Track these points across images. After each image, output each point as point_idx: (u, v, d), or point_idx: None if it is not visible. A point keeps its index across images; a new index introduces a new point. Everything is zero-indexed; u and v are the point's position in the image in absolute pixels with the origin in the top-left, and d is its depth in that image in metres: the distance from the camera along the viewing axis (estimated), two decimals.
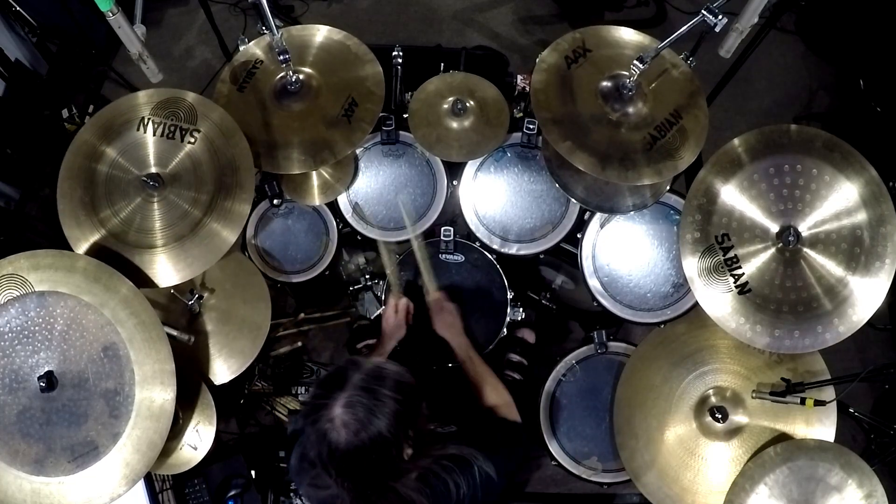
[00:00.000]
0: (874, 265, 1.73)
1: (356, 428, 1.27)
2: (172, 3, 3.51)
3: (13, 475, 1.62)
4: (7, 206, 2.90)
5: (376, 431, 1.27)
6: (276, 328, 2.59)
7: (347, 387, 1.30)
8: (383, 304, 2.12)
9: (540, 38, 3.40)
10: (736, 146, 1.84)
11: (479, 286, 2.22)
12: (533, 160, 2.30)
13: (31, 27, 2.95)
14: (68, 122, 3.01)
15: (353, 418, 1.27)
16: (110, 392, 1.64)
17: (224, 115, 1.91)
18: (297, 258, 2.32)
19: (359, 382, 1.31)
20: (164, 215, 1.83)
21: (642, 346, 2.06)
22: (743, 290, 1.79)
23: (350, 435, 1.27)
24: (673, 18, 3.42)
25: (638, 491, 1.95)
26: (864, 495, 1.71)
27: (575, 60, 2.04)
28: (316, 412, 1.30)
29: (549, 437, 2.13)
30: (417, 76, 2.34)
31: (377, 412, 1.28)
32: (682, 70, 2.06)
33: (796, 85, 3.31)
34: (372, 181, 2.33)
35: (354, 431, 1.27)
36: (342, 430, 1.27)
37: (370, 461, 1.30)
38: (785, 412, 1.88)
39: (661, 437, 1.94)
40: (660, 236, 2.22)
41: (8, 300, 1.65)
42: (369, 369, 1.34)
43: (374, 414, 1.27)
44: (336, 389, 1.31)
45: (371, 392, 1.30)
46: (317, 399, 1.33)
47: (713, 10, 1.71)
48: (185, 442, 1.93)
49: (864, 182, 1.75)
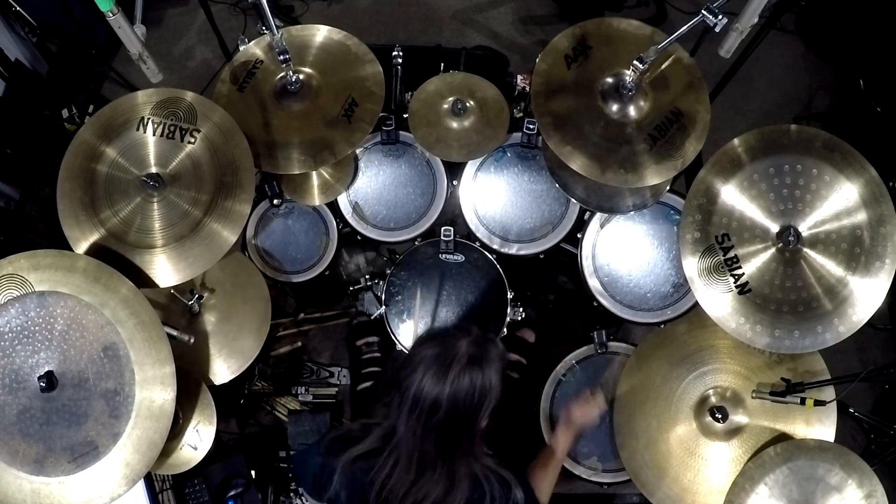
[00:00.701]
0: (874, 265, 1.73)
1: (476, 363, 1.35)
2: (172, 3, 3.51)
3: (13, 475, 1.62)
4: (7, 206, 2.90)
5: (489, 378, 1.36)
6: (276, 328, 2.59)
7: (472, 333, 1.40)
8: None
9: (540, 38, 3.40)
10: (736, 146, 1.83)
11: (479, 286, 2.22)
12: (533, 160, 2.30)
13: (31, 27, 2.95)
14: (68, 122, 3.01)
15: (477, 353, 1.36)
16: (110, 392, 1.64)
17: (224, 115, 1.91)
18: (297, 258, 2.32)
19: (480, 333, 1.41)
20: (164, 215, 1.83)
21: (642, 346, 2.06)
22: (743, 290, 1.79)
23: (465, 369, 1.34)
24: (673, 18, 3.42)
25: (638, 491, 1.95)
26: (864, 495, 1.71)
27: (575, 59, 2.04)
28: (443, 340, 1.39)
29: (550, 437, 2.13)
30: (417, 76, 2.34)
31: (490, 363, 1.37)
32: (683, 69, 2.04)
33: (796, 85, 3.31)
34: (372, 181, 2.33)
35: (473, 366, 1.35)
36: (464, 358, 1.34)
37: (468, 406, 1.35)
38: (785, 412, 1.88)
39: (661, 437, 1.94)
40: (660, 236, 2.22)
41: (8, 300, 1.65)
42: (482, 333, 1.43)
43: (489, 362, 1.37)
44: (463, 332, 1.40)
45: (488, 345, 1.40)
46: (443, 335, 1.41)
47: (713, 10, 1.71)
48: (185, 442, 1.93)
49: (864, 182, 1.75)
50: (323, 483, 1.49)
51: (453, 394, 1.33)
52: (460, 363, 1.33)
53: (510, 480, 1.46)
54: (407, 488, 1.39)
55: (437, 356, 1.34)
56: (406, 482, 1.39)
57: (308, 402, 2.61)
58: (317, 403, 2.61)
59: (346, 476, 1.45)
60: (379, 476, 1.41)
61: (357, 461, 1.44)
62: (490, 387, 1.36)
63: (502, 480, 1.46)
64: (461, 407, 1.34)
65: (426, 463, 1.39)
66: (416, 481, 1.39)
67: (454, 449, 1.40)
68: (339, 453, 1.46)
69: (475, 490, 1.42)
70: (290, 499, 2.35)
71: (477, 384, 1.34)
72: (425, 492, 1.39)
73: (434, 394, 1.33)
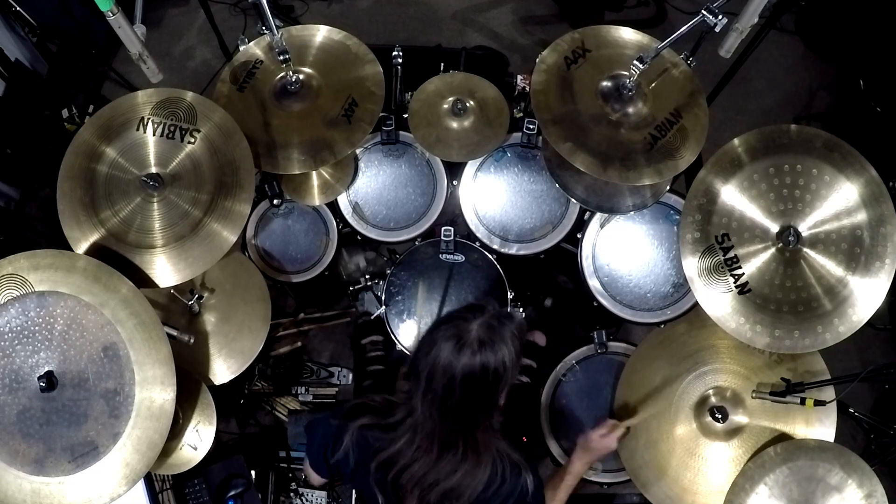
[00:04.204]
0: (874, 265, 1.73)
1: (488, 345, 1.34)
2: (172, 3, 3.51)
3: (13, 475, 1.62)
4: (7, 206, 2.90)
5: (501, 359, 1.35)
6: (276, 328, 2.59)
7: (486, 313, 1.38)
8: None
9: (540, 38, 3.40)
10: (736, 146, 1.84)
11: (479, 286, 2.22)
12: (533, 160, 2.30)
13: (31, 27, 2.95)
14: (68, 122, 3.01)
15: (488, 336, 1.34)
16: (110, 392, 1.64)
17: (224, 115, 1.91)
18: (297, 258, 2.32)
19: (495, 313, 1.39)
20: (164, 215, 1.83)
21: (642, 346, 2.06)
22: (743, 290, 1.79)
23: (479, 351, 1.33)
24: (673, 18, 3.42)
25: (638, 491, 1.95)
26: (864, 495, 1.71)
27: (574, 61, 2.05)
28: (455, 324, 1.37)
29: (549, 437, 2.13)
30: (417, 76, 2.34)
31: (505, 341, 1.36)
32: (682, 70, 2.06)
33: (796, 85, 3.31)
34: (372, 181, 2.33)
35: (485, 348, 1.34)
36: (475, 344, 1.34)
37: (482, 387, 1.36)
38: (785, 412, 1.88)
39: (661, 437, 1.94)
40: (660, 236, 2.22)
41: (8, 300, 1.65)
42: (504, 310, 1.43)
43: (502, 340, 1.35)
44: (477, 312, 1.38)
45: (503, 324, 1.38)
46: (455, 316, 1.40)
47: (713, 10, 1.72)
48: (185, 442, 1.93)
49: (864, 182, 1.75)
50: (332, 446, 1.50)
51: (466, 376, 1.33)
52: (472, 347, 1.32)
53: (521, 465, 1.46)
54: (428, 468, 1.41)
55: (449, 339, 1.34)
56: (428, 463, 1.41)
57: (308, 402, 2.61)
58: (317, 403, 2.61)
59: (357, 439, 1.46)
60: (390, 449, 1.43)
61: (373, 429, 1.46)
62: (505, 367, 1.35)
63: (514, 464, 1.46)
64: (476, 389, 1.35)
65: (447, 443, 1.40)
66: (438, 461, 1.41)
67: (474, 428, 1.41)
68: (358, 418, 1.47)
69: (492, 469, 1.43)
70: (290, 499, 2.35)
71: (490, 366, 1.33)
72: (449, 470, 1.41)
73: (447, 377, 1.33)
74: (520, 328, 1.41)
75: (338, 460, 1.50)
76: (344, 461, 1.49)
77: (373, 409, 1.49)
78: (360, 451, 1.47)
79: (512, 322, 1.39)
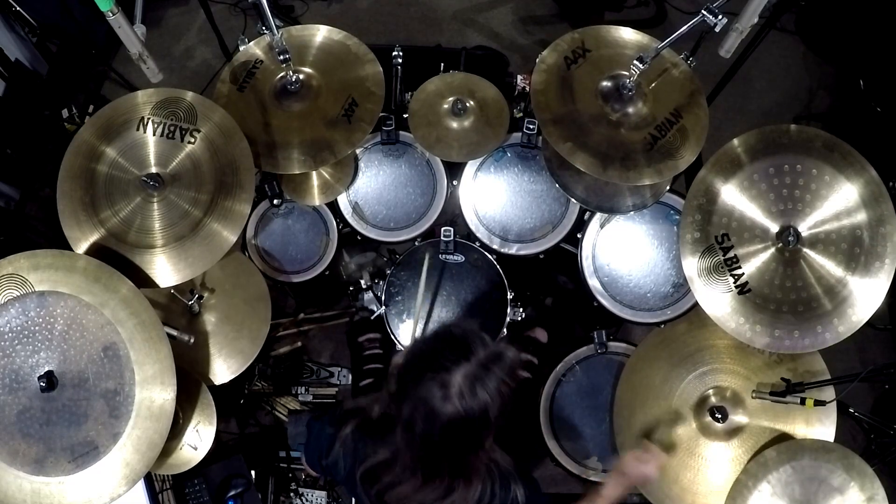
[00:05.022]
0: (874, 265, 1.73)
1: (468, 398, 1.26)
2: (172, 3, 3.51)
3: (13, 475, 1.62)
4: (7, 206, 2.90)
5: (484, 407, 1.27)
6: (276, 328, 2.59)
7: (472, 360, 1.29)
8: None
9: (540, 38, 3.39)
10: (736, 146, 1.84)
11: (479, 286, 2.22)
12: (533, 160, 2.30)
13: (31, 27, 2.95)
14: (68, 122, 3.00)
15: (469, 390, 1.27)
16: (110, 392, 1.64)
17: (224, 115, 1.91)
18: (297, 258, 2.32)
19: (482, 359, 1.30)
20: (164, 215, 1.83)
21: (642, 346, 2.06)
22: (743, 290, 1.79)
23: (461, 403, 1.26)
24: (673, 18, 3.42)
25: (638, 491, 1.95)
26: (866, 498, 1.71)
27: (574, 61, 2.05)
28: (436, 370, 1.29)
29: (549, 437, 2.13)
30: (417, 76, 2.34)
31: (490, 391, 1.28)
32: (682, 70, 2.06)
33: (796, 85, 3.30)
34: (372, 181, 2.33)
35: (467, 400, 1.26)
36: (455, 398, 1.26)
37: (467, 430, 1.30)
38: (785, 412, 1.88)
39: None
40: (660, 236, 2.22)
41: (8, 300, 1.65)
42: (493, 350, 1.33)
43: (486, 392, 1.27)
44: (461, 358, 1.29)
45: (489, 371, 1.29)
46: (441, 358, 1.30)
47: (713, 10, 1.72)
48: (185, 442, 1.93)
49: (864, 182, 1.75)
50: (325, 451, 1.49)
51: (446, 426, 1.27)
52: (452, 402, 1.25)
53: (510, 476, 1.43)
54: (414, 490, 1.37)
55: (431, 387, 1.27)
56: (414, 485, 1.37)
57: (308, 402, 2.61)
58: (317, 403, 2.61)
59: (347, 447, 1.45)
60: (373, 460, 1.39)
61: (362, 437, 1.44)
62: (488, 417, 1.28)
63: (503, 476, 1.43)
64: (457, 436, 1.30)
65: (431, 473, 1.36)
66: (424, 487, 1.37)
67: (459, 462, 1.36)
68: (347, 425, 1.45)
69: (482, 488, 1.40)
70: (290, 499, 2.35)
71: (474, 416, 1.27)
72: (435, 497, 1.37)
73: (427, 424, 1.28)
74: (510, 369, 1.32)
75: (329, 465, 1.49)
76: (335, 467, 1.48)
77: (362, 415, 1.45)
78: (350, 458, 1.45)
79: (500, 365, 1.30)
